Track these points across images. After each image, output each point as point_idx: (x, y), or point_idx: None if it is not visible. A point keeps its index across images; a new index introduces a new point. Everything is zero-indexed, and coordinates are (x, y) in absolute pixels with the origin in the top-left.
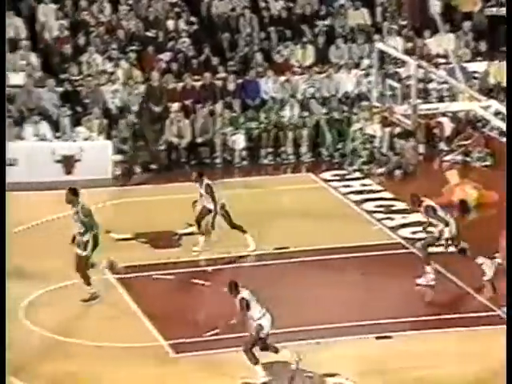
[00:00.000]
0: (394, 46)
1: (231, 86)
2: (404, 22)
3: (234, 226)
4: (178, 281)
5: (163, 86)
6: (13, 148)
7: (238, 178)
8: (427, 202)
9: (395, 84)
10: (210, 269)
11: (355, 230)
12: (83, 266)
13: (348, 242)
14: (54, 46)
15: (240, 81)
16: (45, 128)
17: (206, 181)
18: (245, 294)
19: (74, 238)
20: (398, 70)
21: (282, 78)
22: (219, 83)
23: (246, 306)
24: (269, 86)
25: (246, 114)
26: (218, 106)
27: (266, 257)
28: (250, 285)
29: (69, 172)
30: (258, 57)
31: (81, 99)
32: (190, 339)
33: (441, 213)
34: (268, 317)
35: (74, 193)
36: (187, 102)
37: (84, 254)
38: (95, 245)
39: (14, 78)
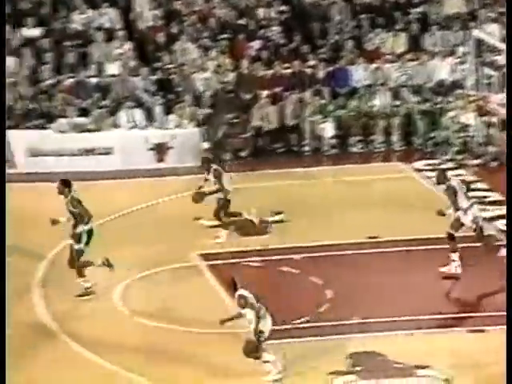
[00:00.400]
0: (490, 33)
1: (321, 74)
2: (502, 9)
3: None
4: (266, 268)
5: (252, 74)
6: (108, 137)
7: (326, 167)
8: (453, 181)
9: (492, 72)
10: (298, 257)
11: (448, 220)
12: (75, 259)
13: (440, 232)
14: (148, 36)
15: (330, 69)
16: (138, 116)
17: (214, 166)
18: (243, 291)
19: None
20: (495, 58)
21: (373, 66)
22: (308, 71)
23: (243, 303)
24: (359, 73)
25: (336, 101)
26: (307, 94)
27: (355, 246)
28: (339, 273)
29: (161, 159)
30: (349, 44)
31: (173, 87)
32: (278, 326)
33: (460, 199)
34: (267, 322)
35: (65, 184)
36: (276, 90)
37: (77, 247)
38: (89, 238)
39: (110, 68)
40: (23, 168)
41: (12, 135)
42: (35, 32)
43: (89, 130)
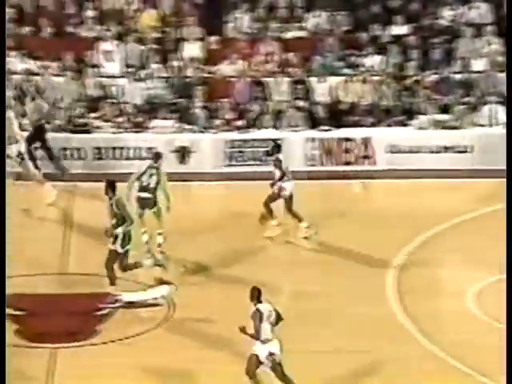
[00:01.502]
0: None
1: None
2: None
3: (292, 214)
4: None
5: None
6: (467, 134)
7: None
8: None
9: None
10: None
11: None
12: (112, 262)
13: None
14: None
15: None
16: (501, 113)
17: (277, 155)
18: (263, 306)
19: (106, 231)
20: None
21: None
22: None
23: (258, 318)
24: None
25: None
26: None
27: None
28: None
29: None
30: None
31: None
32: None
33: None
34: (276, 344)
35: (110, 185)
36: None
37: (120, 250)
38: (128, 240)
39: (476, 64)
40: (383, 165)
41: (374, 132)
42: (403, 29)
43: (449, 127)
